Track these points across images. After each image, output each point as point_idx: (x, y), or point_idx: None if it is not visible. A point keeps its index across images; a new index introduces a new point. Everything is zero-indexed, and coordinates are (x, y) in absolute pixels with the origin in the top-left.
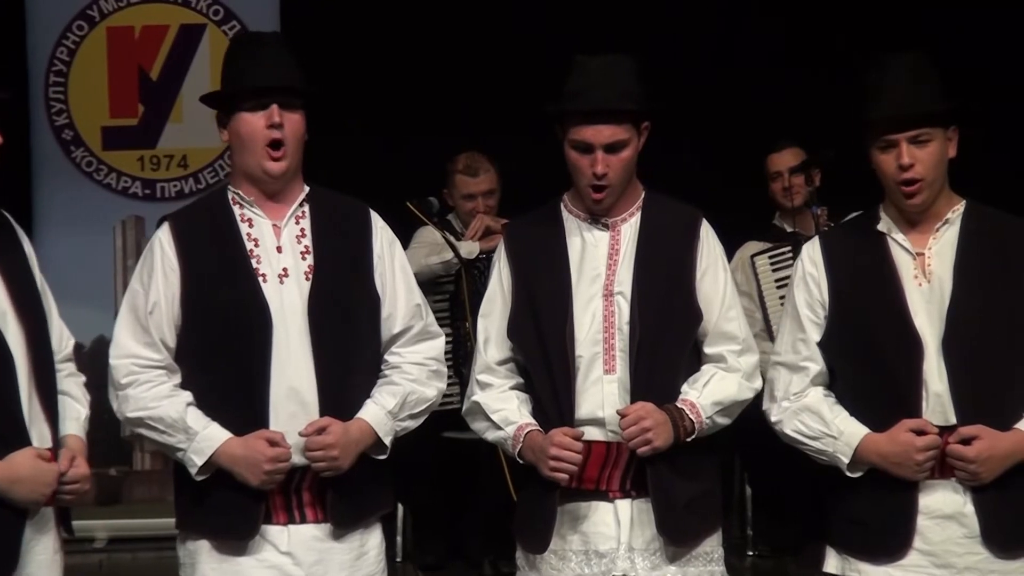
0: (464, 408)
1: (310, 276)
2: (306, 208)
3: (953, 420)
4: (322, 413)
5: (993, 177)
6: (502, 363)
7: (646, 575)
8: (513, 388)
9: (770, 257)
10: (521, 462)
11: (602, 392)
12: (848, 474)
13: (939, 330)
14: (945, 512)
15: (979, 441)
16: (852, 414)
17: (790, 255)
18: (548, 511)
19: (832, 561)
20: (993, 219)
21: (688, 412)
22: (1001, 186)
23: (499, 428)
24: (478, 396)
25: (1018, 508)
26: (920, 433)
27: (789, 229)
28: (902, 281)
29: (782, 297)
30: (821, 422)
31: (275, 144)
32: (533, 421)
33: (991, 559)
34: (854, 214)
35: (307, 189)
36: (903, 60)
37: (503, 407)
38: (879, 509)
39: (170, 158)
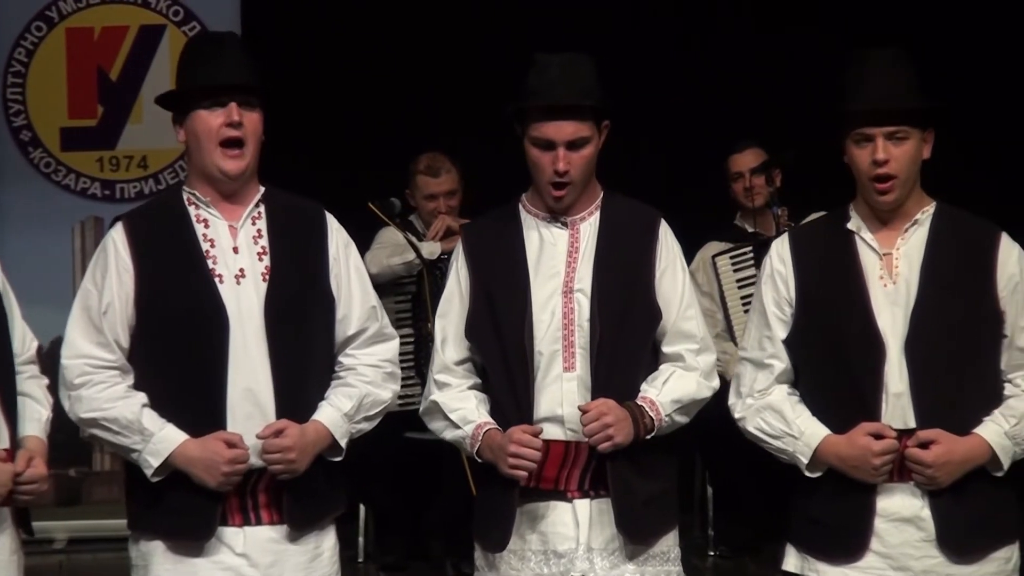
0: (422, 408)
1: (267, 277)
2: (262, 209)
3: (912, 423)
4: (278, 415)
5: (969, 178)
6: (460, 363)
7: (605, 575)
8: (471, 388)
9: (731, 257)
10: (479, 461)
11: (561, 390)
12: (807, 474)
13: (902, 332)
14: (903, 515)
15: (937, 445)
16: (814, 413)
17: (751, 255)
18: (507, 510)
19: (792, 560)
20: (962, 222)
21: (648, 409)
22: (976, 187)
23: (457, 427)
24: (436, 396)
25: (974, 513)
26: (878, 437)
27: (750, 229)
28: (868, 281)
29: (743, 297)
30: (783, 421)
31: (233, 143)
32: (491, 420)
33: (947, 563)
34: (814, 214)
35: (263, 190)
36: (886, 55)
37: (461, 406)
38: (838, 510)
39: (130, 159)
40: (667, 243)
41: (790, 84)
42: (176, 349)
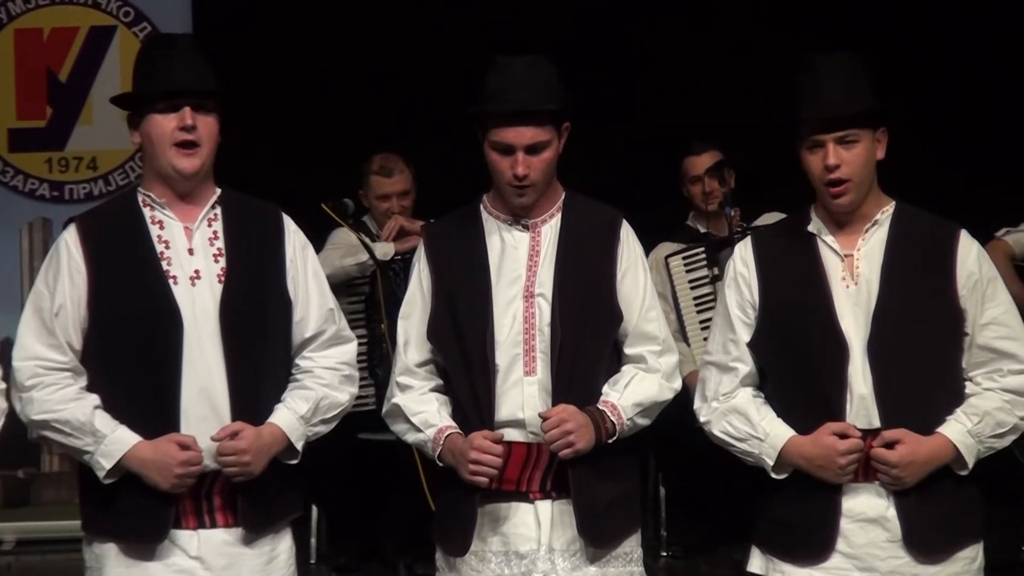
0: (384, 410)
1: (223, 279)
2: (218, 211)
3: (877, 423)
4: (234, 417)
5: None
6: (422, 365)
7: None
8: (433, 390)
9: (684, 258)
10: (441, 465)
11: (522, 394)
12: (773, 475)
13: (865, 332)
14: (868, 516)
15: (902, 445)
16: (779, 415)
17: (703, 256)
18: (468, 514)
19: (756, 561)
20: (921, 221)
21: (609, 414)
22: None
23: (419, 431)
24: (398, 398)
25: (940, 513)
26: (843, 436)
27: (702, 230)
28: (830, 283)
29: (696, 298)
30: (748, 423)
31: (187, 145)
32: (453, 424)
33: (913, 563)
34: (767, 215)
35: (219, 192)
36: (833, 60)
37: (423, 409)
38: (803, 511)
39: (79, 160)
40: (629, 244)
41: (743, 84)
42: (129, 351)
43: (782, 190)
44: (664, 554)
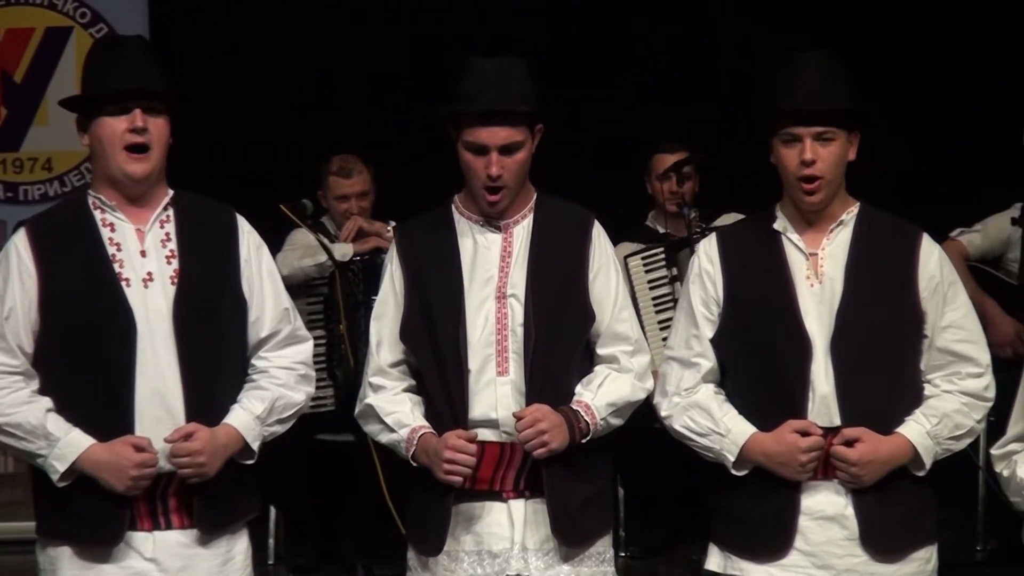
0: (357, 411)
1: (176, 280)
2: (171, 212)
3: (837, 422)
4: (188, 418)
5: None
6: (395, 365)
7: (539, 575)
8: (406, 390)
9: (643, 258)
10: (415, 465)
11: (495, 394)
12: (733, 472)
13: (828, 331)
14: (827, 513)
15: (861, 444)
16: (741, 412)
17: (662, 256)
18: (442, 513)
19: (715, 559)
20: (884, 223)
21: (583, 414)
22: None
23: (392, 431)
24: (371, 399)
25: (897, 512)
26: (805, 434)
27: (661, 230)
28: (794, 281)
29: (655, 298)
30: (710, 419)
31: (138, 148)
32: (426, 424)
33: (870, 562)
34: (725, 216)
35: (172, 193)
36: (816, 58)
37: (396, 410)
38: (762, 508)
39: (34, 161)
40: (600, 244)
41: (709, 84)
42: (82, 354)
43: (745, 191)
44: (622, 554)
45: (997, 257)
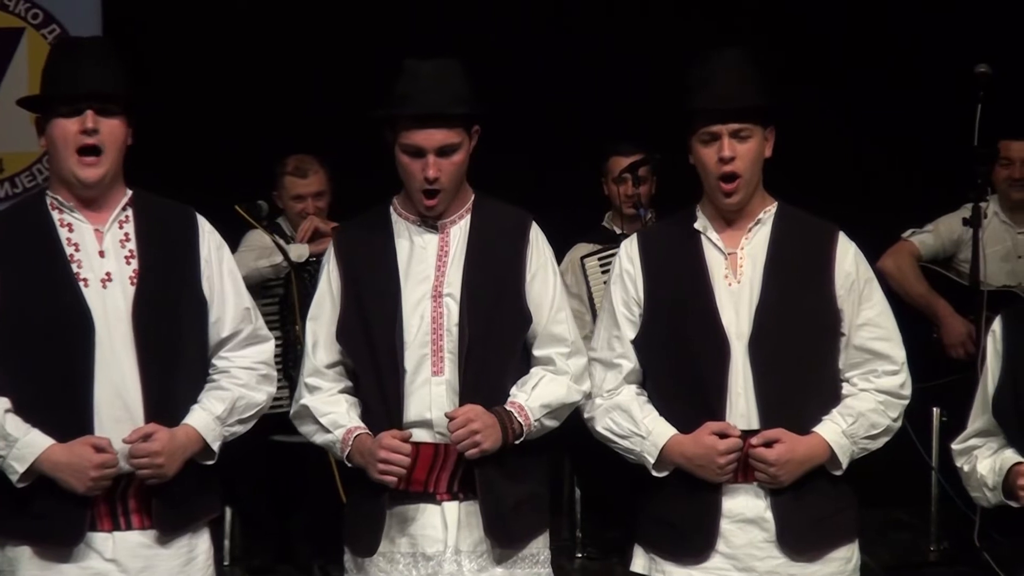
0: (292, 411)
1: (135, 281)
2: (129, 212)
3: (756, 423)
4: (147, 419)
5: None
6: (331, 366)
7: None
8: (342, 392)
9: (599, 259)
10: (349, 465)
11: (430, 394)
12: (654, 474)
13: (747, 331)
14: (747, 516)
15: (779, 444)
16: (662, 413)
17: None
18: (376, 514)
19: (639, 560)
20: (802, 221)
21: (516, 415)
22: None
23: (327, 432)
24: (306, 399)
25: (813, 513)
26: (723, 436)
27: (618, 231)
28: (713, 280)
29: None
30: (631, 421)
31: (90, 150)
32: (362, 424)
33: (789, 563)
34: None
35: (130, 193)
36: (730, 55)
37: (332, 411)
38: (684, 510)
39: None
40: (538, 246)
41: (666, 85)
42: (40, 354)
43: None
44: (579, 555)
45: (948, 257)
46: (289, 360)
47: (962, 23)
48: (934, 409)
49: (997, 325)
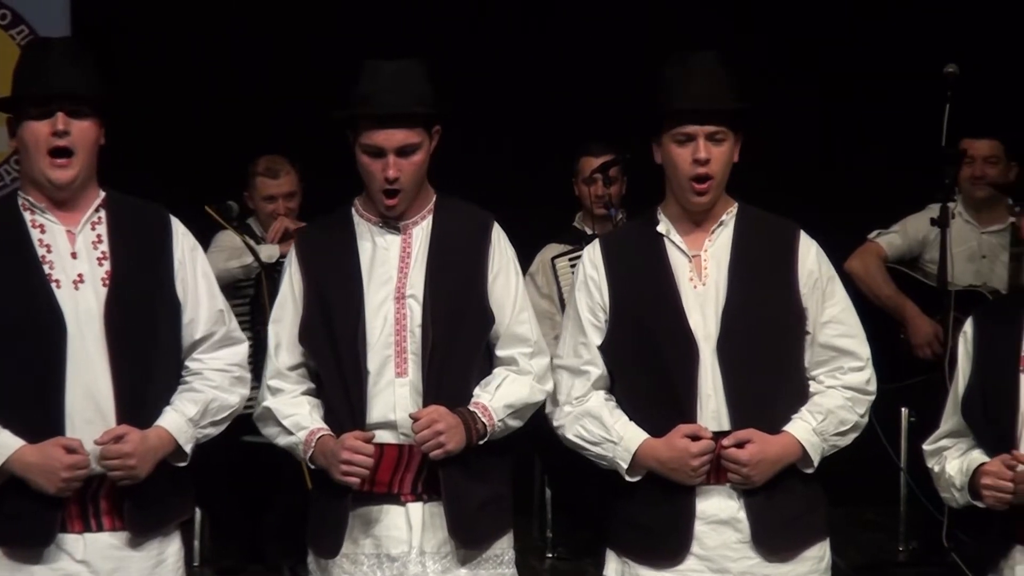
0: (255, 413)
1: (107, 282)
2: (102, 214)
3: (727, 424)
4: (120, 420)
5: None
6: (293, 368)
7: None
8: (304, 393)
9: (570, 259)
10: (312, 467)
11: (394, 395)
12: (627, 479)
13: (714, 332)
14: (720, 517)
15: (751, 444)
16: (632, 417)
17: None
18: (339, 516)
19: (612, 565)
20: (763, 221)
21: (480, 415)
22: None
23: (290, 433)
24: (269, 401)
25: (787, 512)
26: (695, 438)
27: (589, 231)
28: (678, 283)
29: None
30: (601, 427)
31: (60, 152)
32: (325, 426)
33: (763, 563)
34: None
35: (103, 194)
36: (706, 57)
37: (294, 412)
38: (658, 514)
39: None
40: (500, 247)
41: (637, 84)
42: (11, 355)
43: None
44: (550, 555)
45: (915, 258)
46: (260, 360)
47: (929, 23)
48: (902, 409)
49: (969, 326)
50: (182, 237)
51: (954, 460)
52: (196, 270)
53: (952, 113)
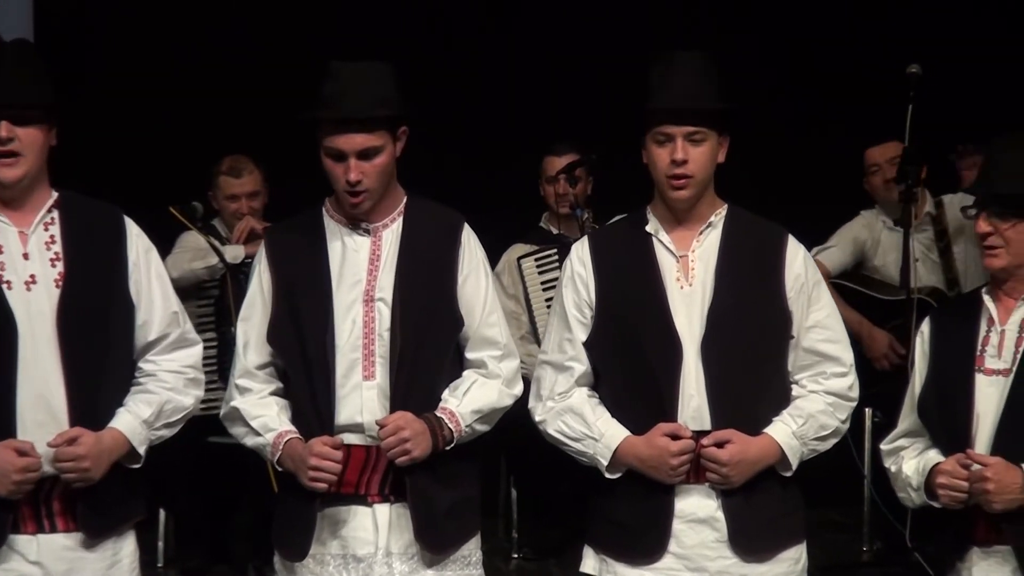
0: (222, 413)
1: (60, 283)
2: (55, 214)
3: (708, 424)
4: (72, 422)
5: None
6: (261, 367)
7: None
8: (272, 393)
9: (536, 260)
10: (280, 469)
11: (361, 398)
12: (607, 476)
13: (699, 333)
14: (698, 516)
15: (731, 445)
16: (614, 415)
17: (556, 258)
18: (307, 518)
19: (590, 561)
20: (751, 224)
21: (447, 421)
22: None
23: (258, 434)
24: (236, 401)
25: (764, 513)
26: (676, 437)
27: (555, 231)
28: (665, 283)
29: (548, 300)
30: (583, 423)
31: (5, 153)
32: (293, 428)
33: (740, 563)
34: (618, 217)
35: (56, 195)
36: (689, 58)
37: (262, 413)
38: (637, 512)
39: None
40: (470, 249)
41: (603, 83)
42: None
43: (644, 190)
44: (515, 556)
45: (856, 267)
46: (225, 362)
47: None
48: (866, 410)
49: (926, 326)
50: (136, 238)
51: (911, 460)
52: (150, 272)
53: (915, 113)
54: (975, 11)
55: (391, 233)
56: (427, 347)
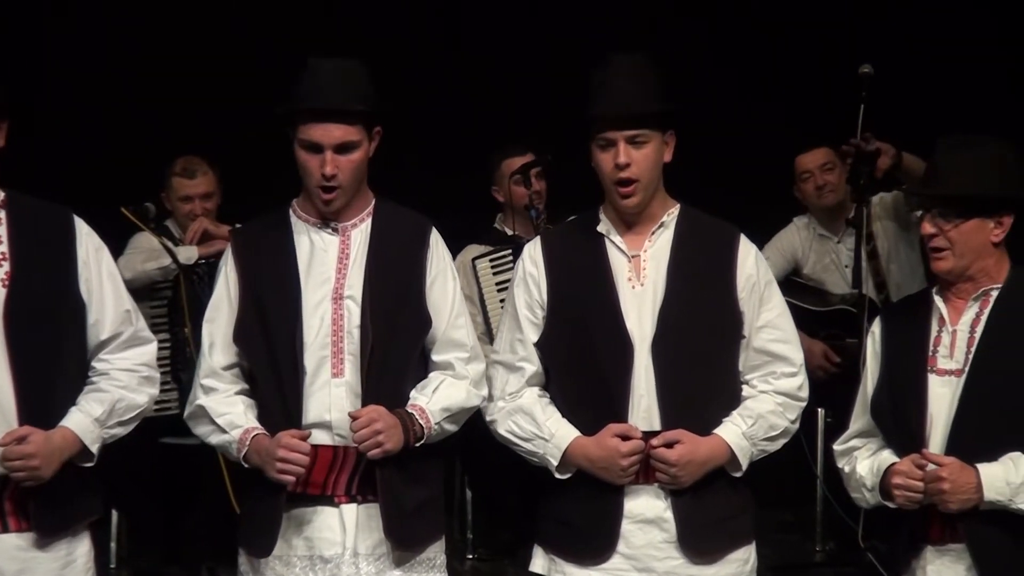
0: (187, 412)
1: (7, 283)
2: (2, 214)
3: (658, 424)
4: (21, 421)
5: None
6: (227, 368)
7: None
8: (238, 393)
9: (491, 260)
10: (247, 466)
11: (329, 396)
12: (557, 476)
13: (650, 333)
14: (647, 516)
15: (680, 445)
16: (565, 415)
17: (510, 258)
18: (273, 515)
19: (539, 561)
20: (703, 223)
21: (418, 417)
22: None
23: (224, 432)
24: (202, 400)
25: (713, 514)
26: (626, 438)
27: (510, 232)
28: (616, 283)
29: (503, 300)
30: (533, 423)
31: None
32: (259, 425)
33: (687, 564)
34: (573, 218)
35: (3, 195)
36: (628, 60)
37: (228, 411)
38: (586, 512)
39: None
40: (438, 252)
41: (557, 84)
42: None
43: (595, 193)
44: (470, 556)
45: (793, 275)
46: (178, 363)
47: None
48: (819, 410)
49: (876, 327)
50: (86, 237)
51: (864, 460)
52: (101, 270)
53: (867, 112)
54: (927, 12)
55: (360, 233)
56: (396, 346)
